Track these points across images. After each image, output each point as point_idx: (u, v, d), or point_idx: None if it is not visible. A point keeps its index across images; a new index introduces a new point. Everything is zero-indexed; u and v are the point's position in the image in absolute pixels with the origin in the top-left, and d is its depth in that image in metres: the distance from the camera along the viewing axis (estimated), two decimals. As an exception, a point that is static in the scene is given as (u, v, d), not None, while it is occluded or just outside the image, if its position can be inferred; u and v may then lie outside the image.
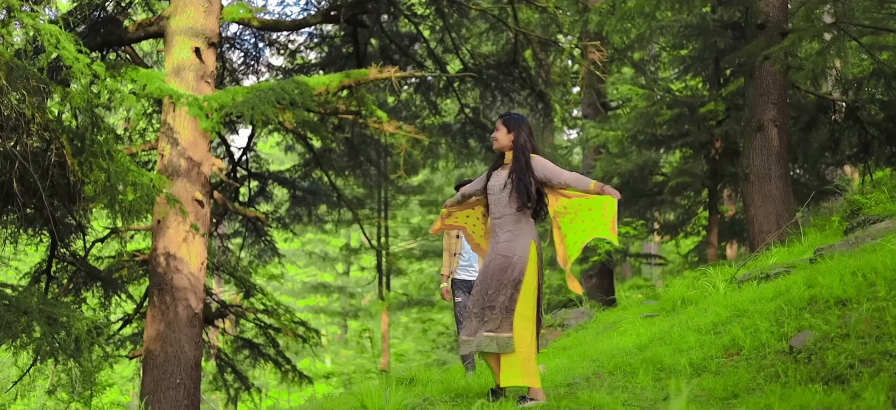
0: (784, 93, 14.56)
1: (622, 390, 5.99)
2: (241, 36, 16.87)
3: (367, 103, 14.20)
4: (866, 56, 16.19)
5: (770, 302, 6.50)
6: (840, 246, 8.86)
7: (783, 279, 7.50)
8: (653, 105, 20.34)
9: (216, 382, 17.18)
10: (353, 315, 35.12)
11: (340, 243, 40.78)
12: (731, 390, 5.20)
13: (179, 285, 12.39)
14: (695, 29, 19.42)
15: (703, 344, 6.49)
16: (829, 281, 6.09)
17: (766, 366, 5.47)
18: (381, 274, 20.39)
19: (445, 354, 33.62)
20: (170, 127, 12.69)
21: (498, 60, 17.40)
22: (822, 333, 5.26)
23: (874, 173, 19.09)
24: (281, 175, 18.19)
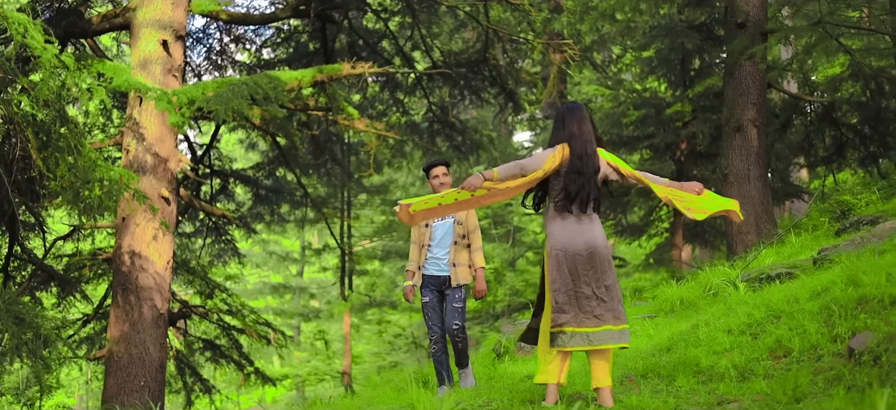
0: (763, 93, 14.52)
1: (667, 394, 5.79)
2: (206, 30, 16.49)
3: (337, 99, 13.95)
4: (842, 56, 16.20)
5: (809, 302, 6.32)
6: (846, 246, 8.76)
7: (809, 278, 7.31)
8: (619, 106, 20.28)
9: (172, 385, 16.77)
10: (313, 316, 34.70)
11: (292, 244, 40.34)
12: (792, 394, 5.01)
13: (144, 284, 12.03)
14: (662, 30, 19.37)
15: (741, 346, 6.31)
16: (875, 280, 5.94)
17: (824, 369, 5.29)
18: (344, 275, 20.04)
19: (402, 356, 33.35)
20: (136, 122, 12.32)
21: (468, 58, 17.18)
22: (885, 334, 5.09)
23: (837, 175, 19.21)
24: (244, 173, 17.84)
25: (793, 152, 17.24)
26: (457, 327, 8.13)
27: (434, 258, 8.39)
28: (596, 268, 6.21)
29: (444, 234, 8.39)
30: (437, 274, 8.36)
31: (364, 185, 24.65)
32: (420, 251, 8.49)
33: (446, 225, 8.39)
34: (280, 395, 37.89)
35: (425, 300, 8.46)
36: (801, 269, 8.88)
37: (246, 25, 16.28)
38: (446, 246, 8.35)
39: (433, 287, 8.39)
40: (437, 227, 8.42)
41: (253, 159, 25.40)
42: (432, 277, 8.39)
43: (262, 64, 17.38)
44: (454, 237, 8.35)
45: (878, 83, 14.52)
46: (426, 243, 8.44)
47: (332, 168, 18.75)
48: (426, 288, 8.44)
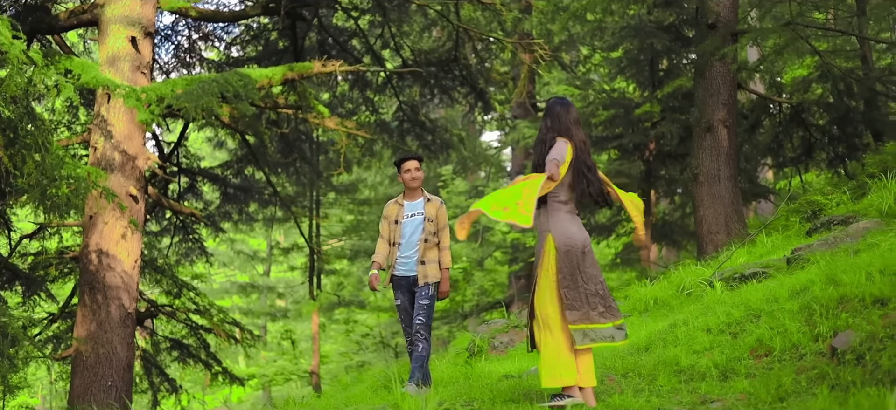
0: (734, 93, 14.60)
1: (649, 394, 5.79)
2: (175, 27, 16.35)
3: (308, 98, 13.87)
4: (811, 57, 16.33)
5: (789, 302, 6.34)
6: (819, 245, 8.82)
7: (788, 277, 7.32)
8: (588, 106, 20.32)
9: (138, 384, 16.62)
10: (281, 315, 34.53)
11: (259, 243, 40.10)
12: (775, 393, 5.02)
13: (112, 283, 11.90)
14: (632, 30, 19.43)
15: (721, 345, 6.31)
16: (855, 279, 5.96)
17: (806, 368, 5.31)
18: (313, 274, 19.97)
19: (369, 356, 33.26)
20: (104, 119, 12.18)
21: (438, 57, 17.14)
22: (867, 333, 5.10)
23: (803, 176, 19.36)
24: (212, 171, 17.70)
25: (761, 153, 17.34)
26: (420, 323, 7.90)
27: (402, 257, 8.15)
28: (592, 264, 6.29)
29: (414, 231, 8.15)
30: (407, 275, 8.13)
31: (333, 184, 24.56)
32: (391, 248, 8.26)
33: (416, 223, 8.16)
34: (246, 395, 37.67)
35: (397, 303, 8.24)
36: (774, 269, 8.93)
37: (215, 22, 16.17)
38: (415, 244, 8.11)
39: (404, 288, 8.15)
40: (407, 224, 8.19)
41: (220, 157, 25.24)
42: (402, 278, 8.16)
43: (230, 62, 17.26)
44: (424, 234, 8.11)
45: (847, 84, 14.64)
46: (397, 240, 8.21)
47: (301, 166, 18.66)
48: (398, 291, 8.20)
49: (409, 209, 8.23)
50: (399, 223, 8.24)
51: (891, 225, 8.77)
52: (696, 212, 14.62)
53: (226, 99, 12.12)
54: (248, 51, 17.68)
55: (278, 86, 13.82)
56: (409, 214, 8.20)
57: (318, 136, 19.39)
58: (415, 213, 8.19)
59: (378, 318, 31.93)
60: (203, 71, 16.94)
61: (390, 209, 8.36)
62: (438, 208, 8.22)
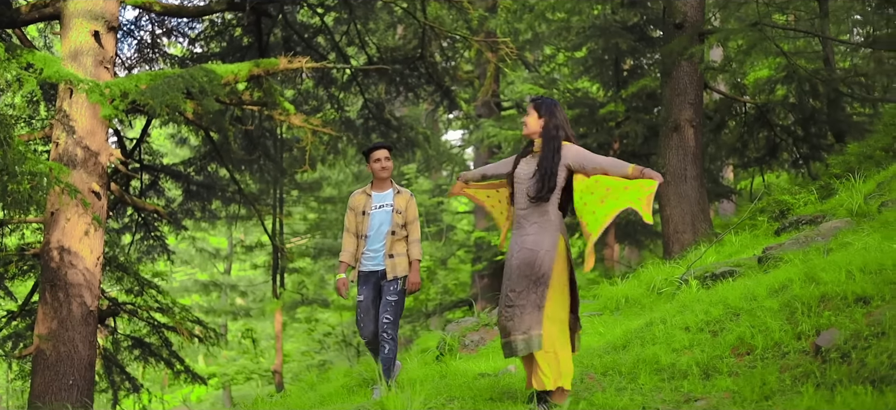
0: (700, 93, 14.69)
1: (632, 392, 5.76)
2: (138, 22, 16.14)
3: (274, 94, 13.75)
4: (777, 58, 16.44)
5: (769, 300, 6.33)
6: (790, 245, 8.86)
7: (766, 276, 7.31)
8: (553, 105, 20.31)
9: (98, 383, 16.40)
10: (243, 314, 34.28)
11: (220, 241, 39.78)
12: (760, 391, 5.01)
13: (74, 281, 11.72)
14: (596, 30, 19.49)
15: (701, 343, 6.30)
16: (835, 278, 5.97)
17: (790, 367, 5.30)
18: (276, 272, 19.82)
19: (331, 355, 33.12)
20: (66, 114, 11.99)
21: (404, 55, 17.07)
22: (852, 332, 5.11)
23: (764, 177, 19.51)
24: (174, 168, 17.51)
25: (727, 153, 17.46)
26: (387, 321, 7.67)
27: (370, 251, 7.88)
28: None
29: (382, 223, 7.89)
30: (374, 269, 7.85)
31: (296, 182, 24.44)
32: (358, 242, 7.97)
33: (384, 214, 7.90)
34: (205, 394, 37.39)
35: (359, 298, 7.90)
36: (745, 268, 8.96)
37: (179, 18, 15.98)
38: (382, 238, 7.85)
39: (369, 283, 7.87)
40: (375, 215, 7.93)
41: (182, 154, 25.01)
42: (368, 273, 7.88)
43: (194, 58, 17.08)
44: (392, 227, 7.86)
45: (812, 85, 14.77)
46: (364, 233, 7.93)
47: (264, 164, 18.51)
48: (362, 285, 7.90)
49: (378, 200, 7.97)
50: (367, 214, 7.95)
51: (861, 225, 8.83)
52: (662, 212, 14.68)
53: (191, 95, 11.98)
54: (212, 47, 17.50)
55: (243, 83, 13.68)
56: (377, 205, 7.95)
57: (282, 134, 19.24)
58: (383, 205, 7.93)
59: (340, 317, 31.79)
60: (166, 67, 16.75)
61: (357, 199, 8.07)
62: (408, 200, 8.00)
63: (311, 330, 34.05)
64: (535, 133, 6.38)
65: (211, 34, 17.40)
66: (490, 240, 24.86)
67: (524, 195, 6.24)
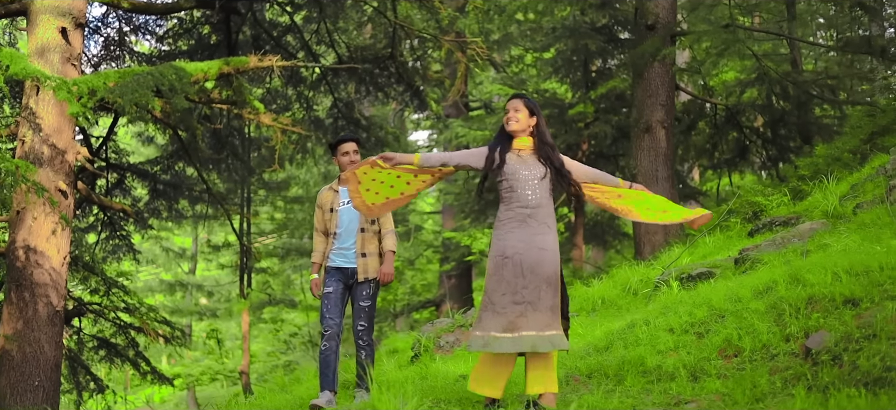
0: (672, 94, 14.75)
1: (620, 394, 5.73)
2: (105, 19, 15.96)
3: (244, 93, 13.63)
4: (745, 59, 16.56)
5: (754, 301, 6.32)
6: (767, 246, 8.90)
7: (750, 277, 7.29)
8: (523, 105, 20.33)
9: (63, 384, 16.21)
10: (210, 314, 34.03)
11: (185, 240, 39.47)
12: (751, 394, 5.00)
13: (40, 281, 11.56)
14: (566, 31, 19.52)
15: (686, 345, 6.28)
16: (821, 279, 5.98)
17: (780, 369, 5.29)
18: (244, 272, 19.70)
19: (297, 355, 32.96)
20: (32, 111, 11.82)
21: (375, 54, 17.00)
22: (842, 334, 5.10)
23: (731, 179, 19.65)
24: (141, 167, 17.33)
25: (697, 154, 17.56)
26: (362, 328, 7.48)
27: (341, 248, 7.60)
28: None
29: (351, 220, 7.61)
30: (345, 266, 7.59)
31: (264, 181, 24.30)
32: (326, 240, 7.73)
33: (352, 211, 7.54)
34: (168, 395, 37.12)
35: (327, 290, 7.59)
36: (722, 269, 8.98)
37: (148, 15, 15.81)
38: (353, 234, 7.59)
39: (339, 279, 7.59)
40: (343, 212, 7.64)
41: (146, 153, 24.78)
42: (339, 270, 7.61)
43: (162, 55, 16.91)
44: (361, 224, 7.60)
45: (782, 87, 14.86)
46: (333, 231, 7.66)
47: (232, 163, 18.37)
48: (330, 279, 7.61)
49: (345, 195, 7.63)
50: (335, 211, 7.70)
51: (837, 226, 8.87)
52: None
53: (160, 92, 11.85)
54: (180, 45, 17.34)
55: (213, 81, 13.56)
56: (345, 201, 7.65)
57: (250, 133, 19.11)
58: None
59: (307, 317, 31.64)
60: (133, 64, 16.57)
61: (324, 197, 7.84)
62: None
63: (277, 331, 33.88)
64: (524, 130, 6.34)
65: (179, 32, 17.24)
66: (458, 241, 24.86)
67: (533, 193, 6.19)
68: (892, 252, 5.95)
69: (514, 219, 6.15)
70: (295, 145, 16.82)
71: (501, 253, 6.13)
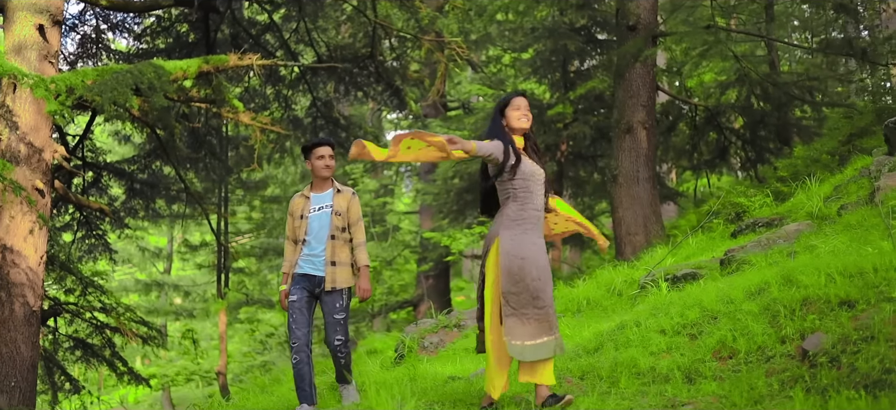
0: (653, 95, 14.76)
1: (616, 397, 5.71)
2: (83, 16, 15.81)
3: (223, 91, 13.53)
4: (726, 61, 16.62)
5: (747, 303, 6.30)
6: (752, 247, 8.91)
7: (741, 277, 7.28)
8: (502, 106, 20.34)
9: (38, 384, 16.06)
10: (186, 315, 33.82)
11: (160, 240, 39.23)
12: (748, 396, 4.98)
13: (17, 280, 11.42)
14: (545, 31, 19.53)
15: (679, 347, 6.26)
16: (814, 281, 5.97)
17: (777, 371, 5.27)
18: (221, 271, 19.57)
19: (273, 356, 32.82)
20: (9, 109, 11.68)
21: (354, 53, 16.93)
22: (839, 336, 5.09)
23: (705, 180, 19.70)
24: (118, 166, 17.18)
25: (677, 155, 17.60)
26: (339, 342, 7.15)
27: (310, 255, 7.29)
28: None
29: (321, 227, 7.32)
30: (312, 274, 7.27)
31: (242, 181, 24.17)
32: (296, 247, 7.41)
33: (323, 217, 7.34)
34: (142, 395, 36.87)
35: (292, 299, 7.29)
36: (707, 270, 8.99)
37: (126, 12, 15.68)
38: (323, 241, 7.28)
39: (304, 287, 7.27)
40: (314, 219, 7.36)
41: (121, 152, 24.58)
42: (305, 276, 7.29)
43: (139, 53, 16.77)
44: (331, 230, 7.29)
45: (763, 89, 14.91)
46: (301, 238, 7.35)
47: (210, 162, 18.24)
48: (296, 287, 7.28)
49: (316, 201, 7.43)
50: (304, 218, 7.39)
51: (822, 228, 8.90)
52: (614, 213, 14.71)
53: (140, 91, 11.73)
54: (158, 43, 17.21)
55: (192, 79, 13.46)
56: (315, 208, 7.41)
57: (228, 131, 18.99)
58: (322, 206, 7.39)
59: (283, 317, 31.51)
60: (110, 62, 16.42)
61: (296, 204, 7.56)
62: (350, 200, 7.43)
63: (253, 331, 33.73)
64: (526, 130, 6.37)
65: (156, 30, 17.10)
66: (437, 241, 24.82)
67: (541, 196, 6.19)
68: (884, 254, 5.95)
69: (529, 221, 6.10)
70: (274, 144, 16.73)
71: (520, 254, 6.00)
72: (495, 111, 6.44)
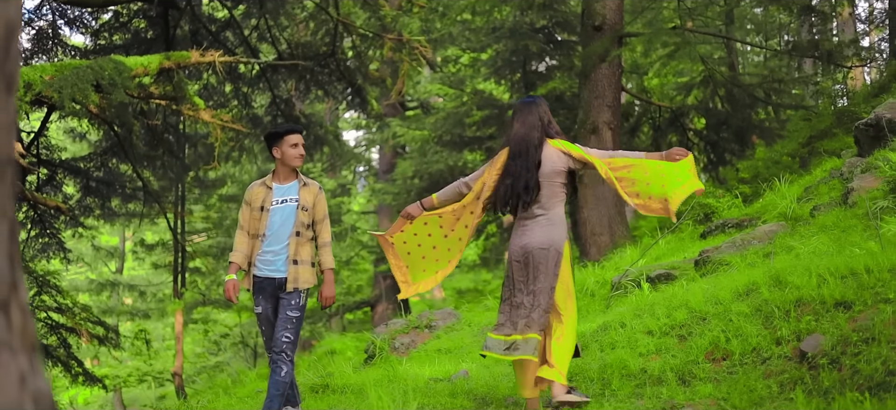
0: (618, 95, 14.76)
1: (611, 399, 5.65)
2: (39, 11, 15.51)
3: (184, 88, 13.31)
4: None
5: (736, 303, 6.25)
6: (727, 247, 8.93)
7: (726, 278, 7.20)
8: (462, 106, 20.34)
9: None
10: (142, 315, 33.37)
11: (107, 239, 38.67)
12: (748, 399, 4.92)
13: (-29, 280, 11.14)
14: (505, 31, 19.53)
15: (669, 348, 6.19)
16: (805, 282, 5.94)
17: (774, 373, 5.22)
18: (177, 271, 19.32)
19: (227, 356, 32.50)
20: (-36, 105, 11.40)
21: (316, 52, 16.79)
22: (838, 337, 5.05)
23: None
24: (74, 164, 16.87)
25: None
26: (287, 341, 6.41)
27: (268, 253, 6.57)
28: (529, 274, 5.97)
29: (284, 222, 6.60)
30: (272, 276, 6.56)
31: (198, 179, 23.87)
32: (251, 242, 6.69)
33: (287, 211, 6.61)
34: (91, 396, 36.35)
35: (258, 311, 6.64)
36: (681, 271, 8.98)
37: (83, 7, 15.40)
38: (285, 239, 6.56)
39: (267, 293, 6.59)
40: (275, 212, 6.61)
41: (74, 150, 24.20)
42: (265, 280, 6.58)
43: (97, 49, 16.48)
44: (296, 226, 6.58)
45: (728, 90, 14.98)
46: (261, 233, 6.61)
47: (168, 160, 17.98)
48: (259, 295, 6.61)
49: (279, 193, 6.67)
50: (266, 210, 6.61)
51: (796, 229, 8.93)
52: (579, 214, 14.71)
53: (100, 87, 11.49)
54: (115, 39, 16.92)
55: (152, 76, 13.23)
56: (278, 200, 6.64)
57: (185, 129, 18.75)
58: (286, 199, 6.64)
59: (238, 318, 31.26)
60: (66, 58, 16.11)
61: (255, 193, 6.75)
62: (317, 195, 6.74)
63: (207, 331, 33.38)
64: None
65: (114, 26, 16.81)
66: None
67: None
68: (874, 255, 5.94)
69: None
70: (233, 142, 16.54)
71: None
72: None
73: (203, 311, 32.21)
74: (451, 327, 9.88)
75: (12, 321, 1.29)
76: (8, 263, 1.30)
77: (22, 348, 1.30)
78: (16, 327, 1.29)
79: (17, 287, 1.33)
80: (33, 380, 1.32)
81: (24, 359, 1.30)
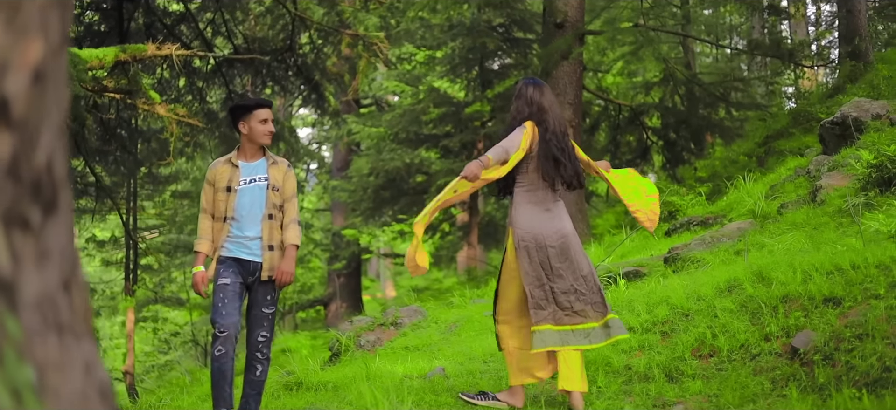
0: (580, 94, 14.74)
1: (599, 396, 5.58)
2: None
3: (139, 82, 13.09)
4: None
5: (720, 299, 6.19)
6: (697, 244, 8.93)
7: (706, 274, 7.16)
8: (419, 103, 20.25)
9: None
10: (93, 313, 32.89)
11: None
12: (740, 395, 4.88)
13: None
14: (462, 29, 19.47)
15: (652, 345, 6.13)
16: (789, 278, 5.90)
17: (765, 369, 5.18)
18: (129, 268, 19.01)
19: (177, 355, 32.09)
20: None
21: (273, 47, 16.60)
22: (830, 333, 5.02)
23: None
24: (22, 158, 16.50)
25: (599, 154, 17.71)
26: (263, 339, 6.04)
27: (241, 236, 6.09)
28: (571, 259, 5.76)
29: (253, 203, 6.11)
30: (248, 259, 6.06)
31: (151, 175, 23.50)
32: (217, 226, 6.20)
33: (257, 191, 6.10)
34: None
35: (223, 280, 6.04)
36: (650, 268, 8.98)
37: (35, -2, 15.07)
38: (257, 222, 6.09)
39: (237, 271, 6.07)
40: (244, 192, 6.10)
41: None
42: (239, 261, 6.08)
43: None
44: (267, 208, 6.10)
45: (688, 89, 15.04)
46: (229, 216, 6.12)
47: (121, 155, 17.68)
48: (227, 269, 6.07)
49: (247, 172, 6.15)
50: (233, 190, 6.11)
51: (765, 226, 8.96)
52: (541, 212, 14.66)
53: (54, 79, 11.24)
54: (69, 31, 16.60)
55: (106, 69, 12.98)
56: (246, 179, 6.12)
57: (138, 124, 18.44)
58: (255, 178, 6.13)
59: (189, 316, 30.85)
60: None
61: (220, 171, 6.22)
62: (286, 173, 6.24)
63: (157, 330, 32.93)
64: None
65: (66, 18, 16.47)
66: (354, 238, 24.58)
67: None
68: (858, 251, 5.94)
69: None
70: (187, 138, 16.28)
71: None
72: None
73: (153, 309, 31.76)
74: (418, 324, 9.76)
75: (74, 301, 1.18)
76: (70, 238, 1.20)
77: (86, 332, 1.19)
78: (78, 309, 1.19)
79: (77, 265, 1.22)
80: (97, 369, 1.22)
81: (87, 345, 1.20)
